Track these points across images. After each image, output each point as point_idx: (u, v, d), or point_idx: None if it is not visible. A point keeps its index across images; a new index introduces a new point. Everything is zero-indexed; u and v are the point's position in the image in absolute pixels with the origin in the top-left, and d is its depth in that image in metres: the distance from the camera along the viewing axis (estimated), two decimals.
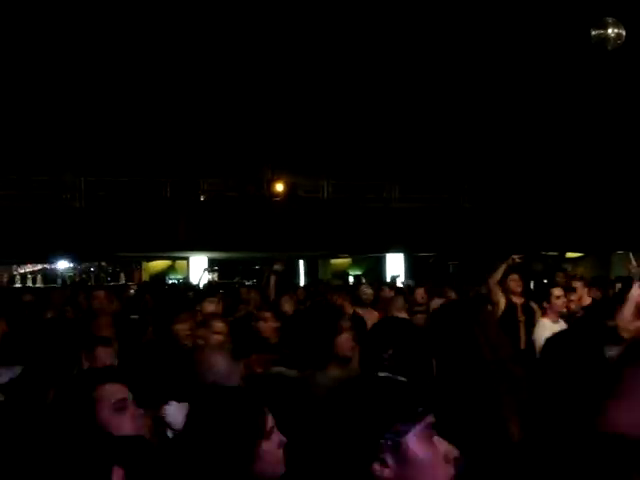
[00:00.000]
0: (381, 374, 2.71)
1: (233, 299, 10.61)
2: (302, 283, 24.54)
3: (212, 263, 26.45)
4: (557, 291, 7.35)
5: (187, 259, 25.98)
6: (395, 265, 25.89)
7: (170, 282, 24.94)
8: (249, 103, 26.55)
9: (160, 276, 27.54)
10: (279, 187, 24.97)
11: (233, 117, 26.56)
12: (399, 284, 19.93)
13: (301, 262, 29.11)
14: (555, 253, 26.07)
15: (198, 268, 25.35)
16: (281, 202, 24.33)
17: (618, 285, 10.78)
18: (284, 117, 26.84)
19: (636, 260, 23.34)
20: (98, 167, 22.93)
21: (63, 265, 27.47)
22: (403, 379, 2.16)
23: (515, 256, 8.55)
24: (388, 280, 21.94)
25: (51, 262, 27.11)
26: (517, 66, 25.46)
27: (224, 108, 26.43)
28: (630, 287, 8.41)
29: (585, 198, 24.68)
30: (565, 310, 7.48)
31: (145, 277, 27.57)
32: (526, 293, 8.61)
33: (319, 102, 26.88)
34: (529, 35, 24.69)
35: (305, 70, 26.51)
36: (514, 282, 8.03)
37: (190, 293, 10.03)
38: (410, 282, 21.02)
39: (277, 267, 8.63)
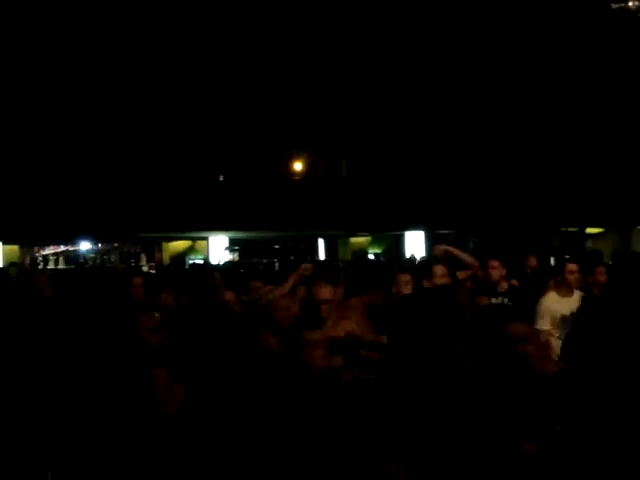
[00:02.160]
0: None
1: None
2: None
3: (232, 243, 26.53)
4: (571, 266, 7.34)
5: (207, 239, 26.07)
6: (414, 243, 25.87)
7: (191, 262, 25.02)
8: (267, 84, 26.54)
9: (180, 257, 27.65)
10: (298, 166, 25.02)
11: (251, 98, 26.56)
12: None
13: (321, 241, 29.15)
14: (575, 229, 26.02)
15: (218, 248, 25.48)
16: (300, 181, 24.37)
17: None
18: (302, 97, 26.82)
19: None
20: (119, 148, 23.03)
21: (85, 246, 27.60)
22: None
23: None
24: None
25: (73, 243, 27.24)
26: (527, 39, 25.29)
27: (243, 89, 26.43)
28: None
29: (605, 173, 24.56)
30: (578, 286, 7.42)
31: (166, 258, 27.68)
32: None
33: (336, 81, 26.84)
34: (541, 15, 24.54)
35: (321, 50, 26.46)
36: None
37: (216, 273, 10.00)
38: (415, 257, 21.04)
39: None
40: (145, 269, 22.48)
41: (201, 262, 24.14)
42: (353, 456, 1.88)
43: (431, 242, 25.74)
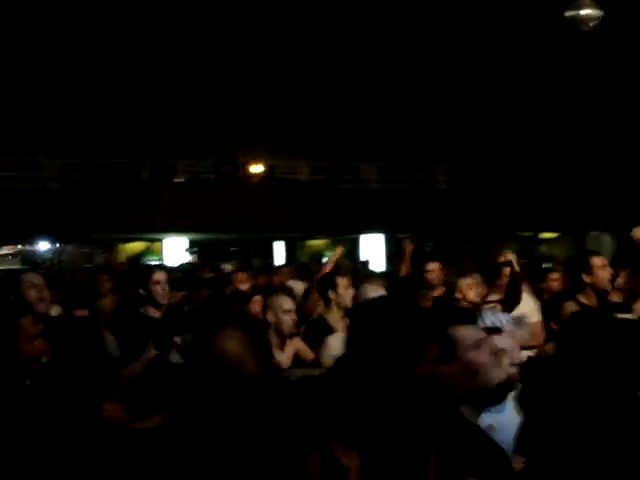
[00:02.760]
0: None
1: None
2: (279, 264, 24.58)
3: (192, 245, 26.43)
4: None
5: (161, 241, 26.00)
6: (370, 247, 25.97)
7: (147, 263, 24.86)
8: (226, 84, 26.47)
9: (136, 258, 27.48)
10: (256, 168, 24.98)
11: (210, 98, 26.48)
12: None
13: (278, 244, 29.13)
14: (530, 233, 26.33)
15: (173, 250, 25.36)
16: (258, 183, 24.34)
17: None
18: (262, 98, 26.80)
19: (610, 240, 23.59)
20: (75, 149, 22.84)
21: (43, 247, 27.42)
22: None
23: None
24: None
25: (30, 243, 27.05)
26: (492, 48, 25.55)
27: (201, 89, 26.34)
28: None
29: (559, 178, 24.89)
30: None
31: (122, 259, 27.49)
32: None
33: (296, 83, 26.86)
34: (503, 19, 24.77)
35: (280, 51, 26.46)
36: None
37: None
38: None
39: None
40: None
41: (156, 263, 24.00)
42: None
43: (390, 245, 25.91)
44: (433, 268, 7.87)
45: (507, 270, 6.92)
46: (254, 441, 1.97)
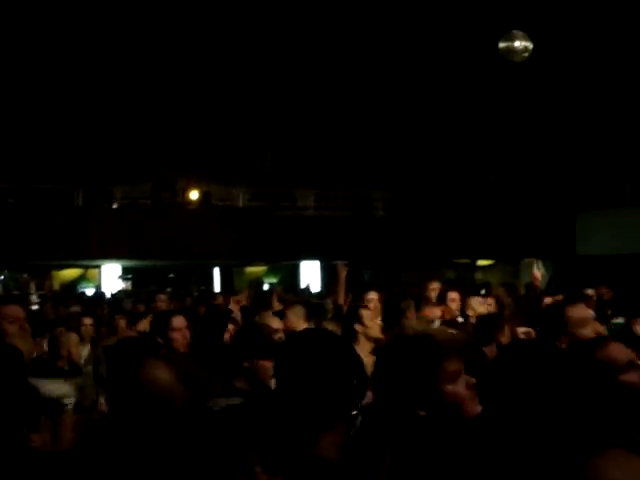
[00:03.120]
0: None
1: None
2: (217, 291, 24.45)
3: (125, 271, 26.13)
4: (452, 294, 7.65)
5: (99, 267, 25.63)
6: (310, 273, 26.01)
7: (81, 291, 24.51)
8: (162, 110, 26.36)
9: (71, 285, 27.08)
10: (193, 195, 24.87)
11: (148, 124, 26.34)
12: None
13: (216, 270, 28.98)
14: (466, 261, 26.63)
15: (110, 277, 25.04)
16: (195, 210, 24.22)
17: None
18: (200, 125, 26.75)
19: (543, 267, 23.97)
20: (8, 174, 22.49)
21: None
22: None
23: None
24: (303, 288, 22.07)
25: None
26: (429, 78, 25.93)
27: (139, 115, 26.19)
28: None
29: (495, 207, 25.27)
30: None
31: (56, 286, 27.07)
32: None
33: (234, 110, 26.87)
34: (438, 49, 25.18)
35: (218, 79, 26.47)
36: None
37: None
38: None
39: None
40: (34, 298, 21.89)
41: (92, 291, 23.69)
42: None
43: (326, 272, 25.96)
44: (372, 298, 7.91)
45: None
46: (180, 469, 1.95)
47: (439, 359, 2.73)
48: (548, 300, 8.57)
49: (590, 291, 8.60)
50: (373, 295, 8.02)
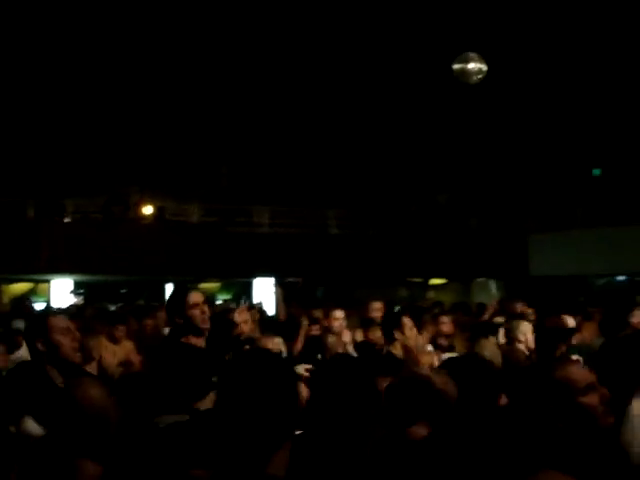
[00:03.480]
0: None
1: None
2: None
3: (77, 286, 25.77)
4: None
5: (49, 282, 25.26)
6: (263, 290, 25.91)
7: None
8: (117, 124, 26.18)
9: (21, 300, 26.60)
10: (146, 210, 24.65)
11: (100, 137, 26.13)
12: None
13: (169, 286, 28.72)
14: (419, 279, 26.76)
15: (61, 291, 24.65)
16: (148, 225, 24.03)
17: None
18: (153, 138, 26.59)
19: (495, 287, 24.20)
20: None
21: None
22: None
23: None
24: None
25: None
26: (382, 96, 26.10)
27: (91, 128, 25.97)
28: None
29: (448, 227, 25.45)
30: None
31: (5, 300, 26.57)
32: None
33: (189, 125, 26.78)
34: (392, 69, 25.39)
35: (173, 94, 26.38)
36: None
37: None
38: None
39: None
40: None
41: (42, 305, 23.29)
42: None
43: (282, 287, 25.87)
44: (338, 316, 7.87)
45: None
46: None
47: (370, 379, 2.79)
48: (499, 319, 8.64)
49: (530, 310, 8.67)
50: (339, 314, 7.97)
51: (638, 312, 7.72)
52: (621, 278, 25.43)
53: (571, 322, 7.48)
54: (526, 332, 7.02)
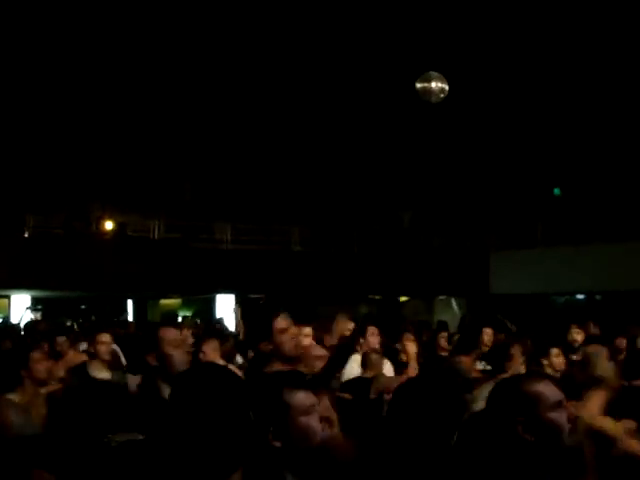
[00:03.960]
0: None
1: None
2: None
3: (36, 302, 25.49)
4: (372, 329, 7.67)
5: (8, 297, 24.95)
6: (225, 306, 25.82)
7: None
8: (78, 139, 26.01)
9: None
10: (108, 225, 24.46)
11: (60, 152, 25.93)
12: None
13: (130, 302, 28.55)
14: (382, 297, 26.85)
15: (20, 307, 24.36)
16: (110, 240, 23.85)
17: None
18: (114, 154, 26.45)
19: (457, 304, 24.30)
20: None
21: None
22: None
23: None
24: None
25: None
26: (344, 114, 26.23)
27: (52, 143, 25.77)
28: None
29: (410, 245, 25.57)
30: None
31: None
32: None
33: (149, 140, 26.68)
34: (355, 87, 25.54)
35: (136, 109, 26.29)
36: None
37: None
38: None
39: None
40: None
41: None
42: None
43: (241, 306, 25.78)
44: (308, 332, 7.85)
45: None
46: None
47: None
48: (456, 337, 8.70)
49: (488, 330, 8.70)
50: (308, 331, 7.94)
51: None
52: (580, 297, 25.71)
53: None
54: None
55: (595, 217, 23.24)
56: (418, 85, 11.95)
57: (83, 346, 8.94)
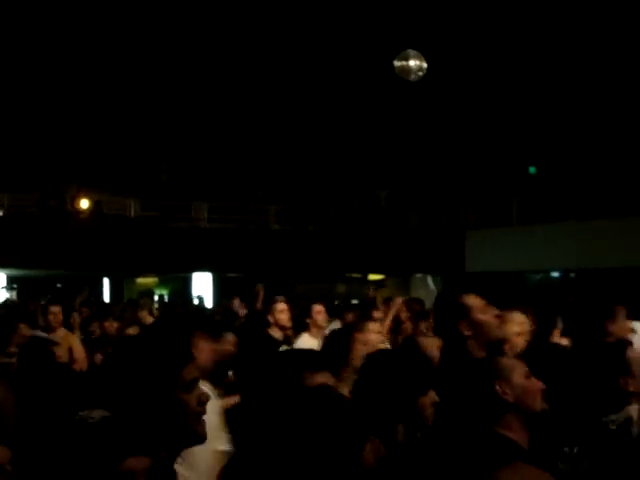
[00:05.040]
0: None
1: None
2: (107, 301, 24.03)
3: (11, 281, 25.36)
4: (317, 307, 7.52)
5: None
6: (202, 285, 25.82)
7: None
8: (54, 118, 25.80)
9: None
10: (84, 204, 24.31)
11: (36, 130, 25.71)
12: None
13: (106, 281, 28.45)
14: (358, 275, 26.92)
15: None
16: (85, 219, 23.71)
17: None
18: (91, 132, 26.27)
19: (433, 282, 24.44)
20: None
21: None
22: None
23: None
24: (195, 301, 21.88)
25: None
26: (321, 90, 26.18)
27: (26, 122, 25.55)
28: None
29: (386, 223, 25.63)
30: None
31: None
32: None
33: (125, 118, 26.51)
34: (332, 64, 25.49)
35: (113, 89, 26.10)
36: None
37: None
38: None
39: None
40: None
41: None
42: None
43: (218, 284, 25.81)
44: (282, 308, 7.74)
45: None
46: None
47: None
48: None
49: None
50: (283, 306, 7.84)
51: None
52: (555, 274, 25.93)
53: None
54: None
55: (570, 196, 23.42)
56: (396, 63, 11.96)
57: None
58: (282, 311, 7.60)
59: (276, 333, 7.45)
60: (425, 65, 11.97)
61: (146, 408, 2.32)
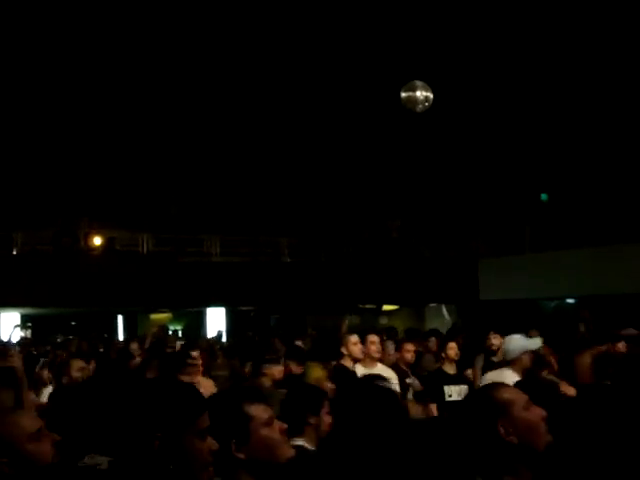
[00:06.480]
0: None
1: None
2: (121, 338, 23.99)
3: (25, 319, 25.37)
4: (372, 337, 7.87)
5: None
6: (216, 319, 25.80)
7: None
8: (66, 154, 25.98)
9: None
10: (96, 240, 24.40)
11: (47, 168, 25.89)
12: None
13: (120, 317, 28.46)
14: (372, 306, 26.84)
15: (9, 325, 24.24)
16: (98, 256, 23.78)
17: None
18: (101, 169, 26.43)
19: (447, 311, 24.31)
20: None
21: None
22: None
23: None
24: (210, 335, 21.85)
25: None
26: (331, 124, 26.29)
27: (40, 160, 25.73)
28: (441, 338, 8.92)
29: (400, 253, 25.59)
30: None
31: None
32: None
33: (136, 154, 26.67)
34: (341, 97, 25.61)
35: (121, 124, 26.29)
36: None
37: None
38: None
39: None
40: None
41: None
42: None
43: (232, 318, 25.79)
44: (355, 341, 7.95)
45: None
46: None
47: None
48: (452, 345, 8.65)
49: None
50: (355, 338, 8.06)
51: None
52: (570, 301, 25.78)
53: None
54: None
55: (582, 222, 23.33)
56: (403, 94, 12.01)
57: None
58: (355, 343, 7.84)
59: (348, 364, 7.73)
60: (431, 95, 12.01)
61: (160, 450, 2.33)
